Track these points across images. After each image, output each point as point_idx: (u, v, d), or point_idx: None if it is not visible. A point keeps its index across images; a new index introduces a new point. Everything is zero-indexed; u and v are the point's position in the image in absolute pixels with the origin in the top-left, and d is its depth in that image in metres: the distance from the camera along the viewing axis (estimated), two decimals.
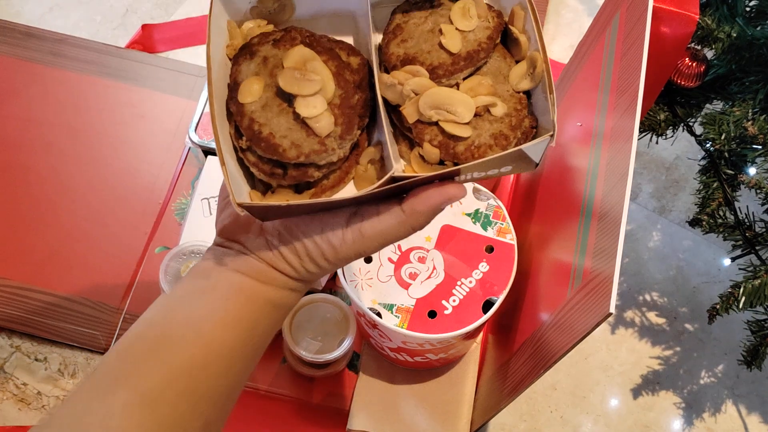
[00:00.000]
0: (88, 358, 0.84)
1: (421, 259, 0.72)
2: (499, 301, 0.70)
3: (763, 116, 0.73)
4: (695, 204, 0.83)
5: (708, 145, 0.79)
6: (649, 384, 0.90)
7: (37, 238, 0.90)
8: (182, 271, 0.78)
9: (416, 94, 0.44)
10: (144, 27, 1.09)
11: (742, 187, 0.78)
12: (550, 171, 0.78)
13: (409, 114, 0.43)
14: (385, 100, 0.44)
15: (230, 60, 0.46)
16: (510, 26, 0.46)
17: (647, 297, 0.95)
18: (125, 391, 0.39)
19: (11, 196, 0.92)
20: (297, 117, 0.42)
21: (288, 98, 0.43)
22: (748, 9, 0.76)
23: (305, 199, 0.44)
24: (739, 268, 0.78)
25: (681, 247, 0.99)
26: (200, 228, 0.83)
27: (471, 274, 0.71)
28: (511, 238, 0.73)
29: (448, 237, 0.73)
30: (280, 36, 0.45)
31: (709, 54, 0.76)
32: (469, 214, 0.74)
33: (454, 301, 0.70)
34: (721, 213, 0.81)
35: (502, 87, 0.45)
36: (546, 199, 0.77)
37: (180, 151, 0.97)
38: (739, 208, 0.80)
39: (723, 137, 0.73)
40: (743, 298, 0.73)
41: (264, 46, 0.45)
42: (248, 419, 0.81)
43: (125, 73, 1.02)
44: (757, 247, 0.79)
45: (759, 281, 0.72)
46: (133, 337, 0.42)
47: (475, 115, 0.44)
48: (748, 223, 0.80)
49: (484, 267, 0.72)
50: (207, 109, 0.91)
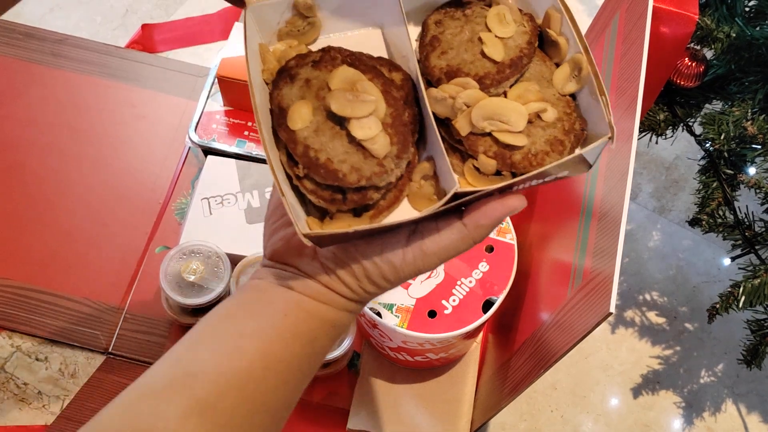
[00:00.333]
0: (89, 358, 0.84)
1: None
2: (499, 300, 0.70)
3: (763, 116, 0.73)
4: (695, 204, 0.84)
5: (707, 145, 0.79)
6: (649, 383, 0.90)
7: (38, 238, 0.90)
8: (182, 271, 0.78)
9: (468, 107, 0.43)
10: (144, 27, 1.09)
11: (741, 186, 0.78)
12: None
13: (462, 127, 0.42)
14: (433, 114, 0.43)
15: (266, 84, 0.44)
16: (546, 29, 0.45)
17: (647, 296, 0.95)
18: (181, 397, 0.39)
19: (12, 196, 0.92)
20: (352, 140, 0.41)
21: (339, 121, 0.42)
22: (747, 9, 0.76)
23: (365, 222, 0.43)
24: (739, 268, 0.78)
25: (681, 246, 0.99)
26: (200, 228, 0.83)
27: (471, 274, 0.71)
28: (511, 238, 0.74)
29: None
30: (319, 57, 0.43)
31: (709, 54, 0.76)
32: None
33: (454, 300, 0.70)
34: (720, 213, 0.81)
35: (548, 91, 0.44)
36: (546, 199, 0.77)
37: (180, 150, 0.97)
38: (738, 207, 0.80)
39: (722, 137, 0.73)
40: (743, 298, 0.73)
41: (304, 69, 0.43)
42: None
43: (125, 73, 1.02)
44: (756, 247, 0.80)
45: (758, 280, 0.73)
46: (184, 348, 0.42)
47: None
48: (747, 223, 0.80)
49: (484, 267, 0.72)
50: (207, 108, 0.91)
